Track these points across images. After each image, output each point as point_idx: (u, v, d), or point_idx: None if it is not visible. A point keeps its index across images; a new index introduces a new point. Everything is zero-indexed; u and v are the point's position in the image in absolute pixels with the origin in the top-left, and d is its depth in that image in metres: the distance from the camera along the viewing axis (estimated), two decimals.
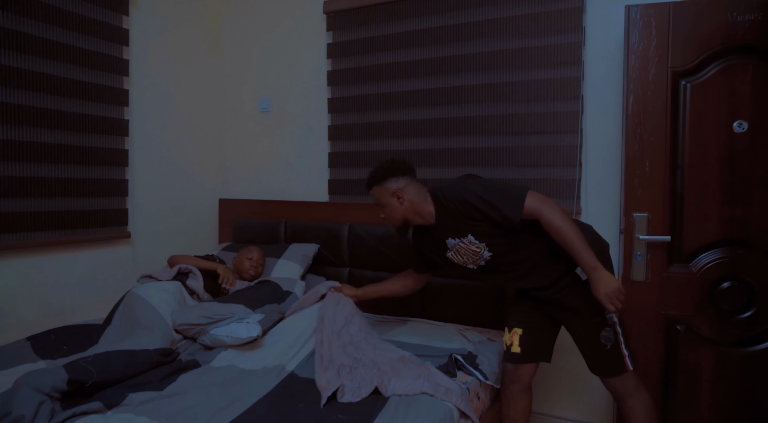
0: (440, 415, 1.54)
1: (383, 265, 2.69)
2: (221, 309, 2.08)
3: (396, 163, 1.98)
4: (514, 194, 1.71)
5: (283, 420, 1.48)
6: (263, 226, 3.05)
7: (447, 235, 1.85)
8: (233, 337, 1.99)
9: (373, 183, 1.97)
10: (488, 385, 1.96)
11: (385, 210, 1.95)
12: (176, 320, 2.04)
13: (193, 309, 2.10)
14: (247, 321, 2.06)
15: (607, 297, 1.61)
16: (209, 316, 2.03)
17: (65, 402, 1.55)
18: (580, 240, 1.64)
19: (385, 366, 1.79)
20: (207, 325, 2.03)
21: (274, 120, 3.20)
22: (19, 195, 2.22)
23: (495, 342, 2.26)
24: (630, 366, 1.76)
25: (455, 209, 1.77)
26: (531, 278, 1.84)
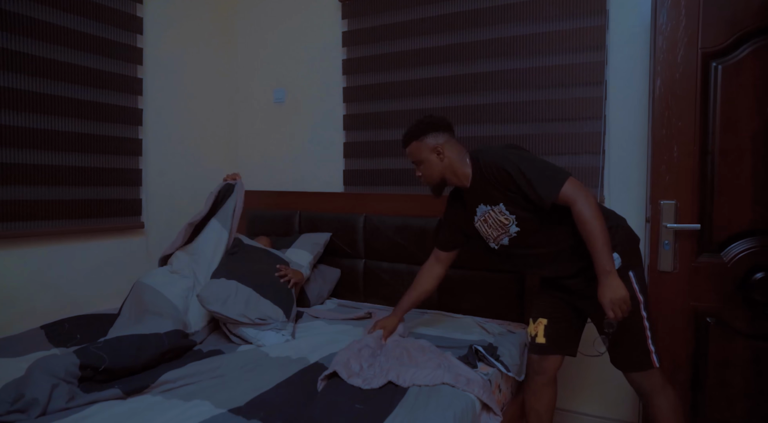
0: (462, 406, 1.48)
1: (399, 257, 2.64)
2: (261, 308, 2.04)
3: (436, 118, 1.87)
4: (553, 177, 1.64)
5: (299, 405, 1.43)
6: (277, 217, 3.01)
7: (479, 200, 1.80)
8: (262, 343, 1.97)
9: (412, 138, 1.86)
10: (510, 377, 1.90)
11: (422, 167, 1.87)
12: (208, 306, 1.99)
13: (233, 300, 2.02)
14: (283, 333, 2.04)
15: (611, 303, 1.55)
16: (251, 318, 1.99)
17: (85, 387, 1.54)
18: (604, 240, 1.57)
19: (403, 357, 1.73)
20: (243, 324, 2.00)
21: (288, 111, 3.16)
22: (33, 183, 2.20)
23: (516, 334, 2.19)
24: (656, 362, 1.68)
25: (492, 175, 1.71)
26: (553, 266, 1.78)
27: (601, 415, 2.40)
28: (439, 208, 2.58)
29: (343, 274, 2.80)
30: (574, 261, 1.74)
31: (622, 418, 2.36)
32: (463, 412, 1.47)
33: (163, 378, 1.61)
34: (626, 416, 2.35)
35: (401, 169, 2.76)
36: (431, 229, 2.55)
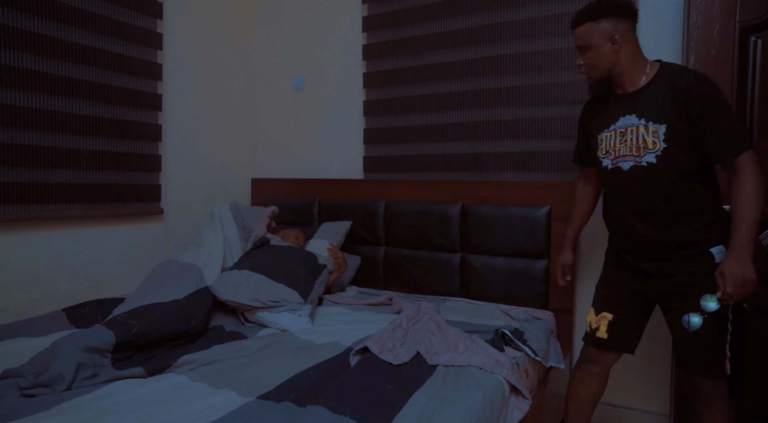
0: (491, 388, 1.44)
1: (421, 244, 2.59)
2: (274, 291, 2.02)
3: (623, 1, 1.56)
4: (744, 137, 1.46)
5: (330, 387, 1.39)
6: (296, 205, 2.98)
7: (634, 111, 1.56)
8: (281, 326, 1.95)
9: (588, 18, 1.56)
10: (537, 362, 1.85)
11: (588, 54, 1.59)
12: (222, 295, 1.98)
13: (244, 284, 2.02)
14: (299, 314, 2.02)
15: (733, 279, 1.38)
16: (263, 301, 1.98)
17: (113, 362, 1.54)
18: (757, 218, 1.42)
19: (434, 330, 1.70)
20: (257, 308, 1.98)
21: (308, 98, 3.13)
22: (54, 166, 2.20)
23: (541, 320, 2.14)
24: (728, 369, 1.55)
25: (681, 90, 1.47)
26: (668, 220, 1.56)
27: (630, 406, 2.33)
28: (461, 195, 2.54)
29: (363, 262, 2.76)
30: (692, 230, 1.53)
31: (651, 410, 2.29)
32: (492, 393, 1.42)
33: (186, 358, 1.59)
34: (656, 408, 2.28)
35: (422, 155, 2.72)
36: (454, 215, 2.50)
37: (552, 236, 2.33)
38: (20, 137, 2.08)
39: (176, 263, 2.09)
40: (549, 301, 2.34)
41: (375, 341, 1.63)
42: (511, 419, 1.50)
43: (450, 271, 2.52)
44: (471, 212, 2.47)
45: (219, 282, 2.03)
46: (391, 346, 1.64)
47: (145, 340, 1.64)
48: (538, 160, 2.43)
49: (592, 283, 2.35)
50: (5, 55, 2.02)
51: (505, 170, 2.51)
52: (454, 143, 2.64)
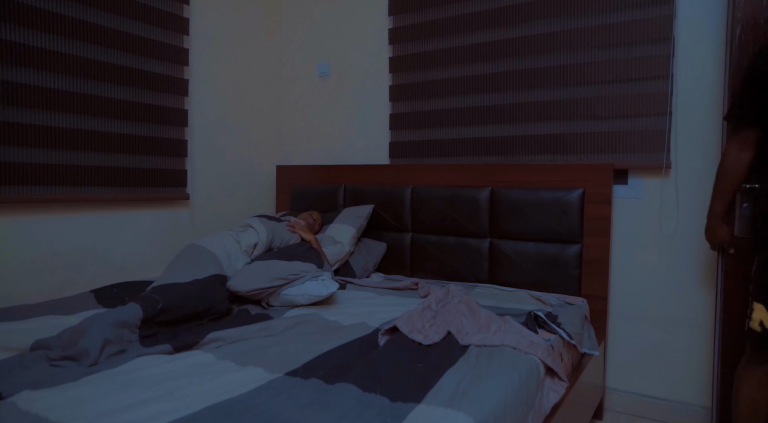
0: (526, 368, 1.38)
1: (449, 229, 2.54)
2: (291, 268, 2.01)
3: None
4: None
5: (359, 365, 1.35)
6: (321, 191, 2.96)
7: None
8: (310, 294, 1.94)
9: None
10: (572, 346, 1.78)
11: None
12: (241, 287, 1.96)
13: (258, 271, 2.01)
14: (322, 278, 2.01)
15: None
16: (283, 277, 1.96)
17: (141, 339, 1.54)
18: None
19: (464, 312, 1.64)
20: (279, 287, 1.96)
21: (333, 84, 3.10)
22: (83, 149, 2.21)
23: (574, 305, 2.07)
24: None
25: None
26: None
27: (670, 397, 2.23)
28: (490, 179, 2.47)
29: (389, 249, 2.72)
30: None
31: (693, 402, 2.19)
32: (528, 373, 1.36)
33: (213, 335, 1.57)
34: (698, 400, 2.18)
35: (449, 140, 2.66)
36: (483, 200, 2.44)
37: (585, 220, 2.25)
38: (51, 119, 2.10)
39: (198, 247, 2.09)
40: (582, 288, 2.26)
41: (404, 321, 1.59)
42: (546, 402, 1.43)
43: (479, 257, 2.46)
44: (500, 196, 2.40)
45: (234, 280, 2.01)
46: (420, 327, 1.59)
47: (169, 316, 1.65)
48: (569, 143, 2.35)
49: (627, 268, 2.27)
50: (38, 38, 2.03)
51: (535, 154, 2.44)
52: (482, 127, 2.58)
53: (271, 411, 1.08)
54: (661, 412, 2.23)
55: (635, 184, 2.27)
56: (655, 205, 2.23)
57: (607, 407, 2.35)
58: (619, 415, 2.29)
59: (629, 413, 2.30)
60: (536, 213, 2.31)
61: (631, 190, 2.28)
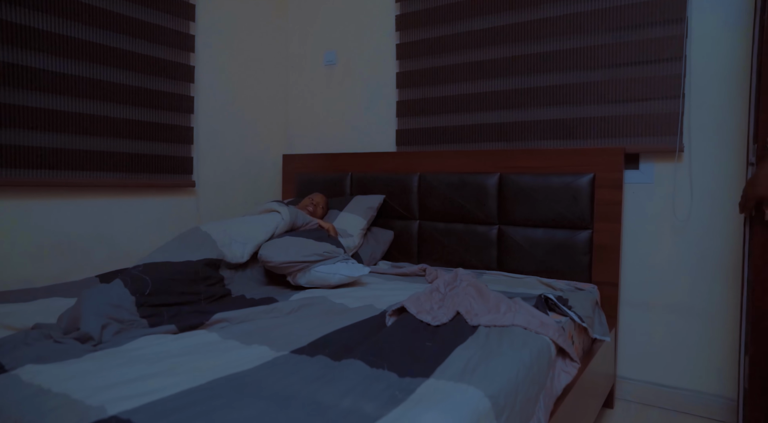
0: (537, 347, 1.35)
1: (456, 216, 2.51)
2: (324, 247, 2.01)
3: None
4: None
5: (366, 343, 1.33)
6: (328, 180, 2.94)
7: None
8: (342, 274, 1.94)
9: None
10: (583, 329, 1.75)
11: None
12: (274, 258, 1.94)
13: (292, 245, 2.00)
14: (352, 262, 2.03)
15: None
16: (319, 253, 1.96)
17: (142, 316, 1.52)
18: None
19: (473, 294, 1.61)
20: (315, 262, 1.95)
21: (340, 73, 3.08)
22: (89, 133, 2.20)
23: (585, 291, 2.03)
24: None
25: None
26: None
27: (694, 388, 2.19)
28: (499, 165, 2.44)
29: (396, 237, 2.69)
30: None
31: (717, 393, 2.15)
32: (539, 352, 1.33)
33: (219, 315, 1.55)
34: (723, 391, 2.14)
35: (457, 126, 2.63)
36: (491, 186, 2.41)
37: (595, 205, 2.21)
38: (56, 103, 2.09)
39: (199, 231, 2.06)
40: (592, 274, 2.23)
41: (412, 302, 1.56)
42: (558, 383, 1.40)
43: (487, 244, 2.43)
44: (509, 182, 2.37)
45: (266, 249, 2.00)
46: (428, 308, 1.57)
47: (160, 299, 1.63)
48: (579, 128, 2.31)
49: (638, 255, 2.23)
50: (44, 20, 2.02)
51: (544, 139, 2.41)
52: (491, 112, 2.54)
53: (276, 385, 1.06)
54: (674, 401, 2.19)
55: (647, 169, 2.23)
56: (668, 190, 2.19)
57: (618, 396, 2.31)
58: (630, 404, 2.26)
59: (640, 402, 2.26)
60: (545, 199, 2.28)
61: (642, 175, 2.24)
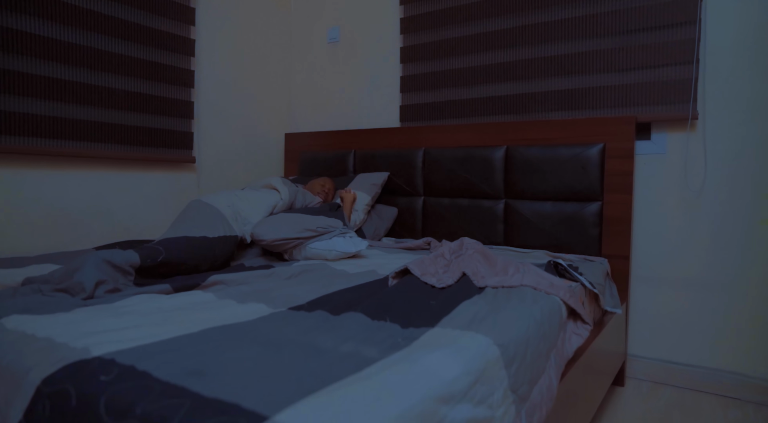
0: (548, 306, 1.29)
1: (462, 191, 2.44)
2: (319, 221, 1.94)
3: None
4: None
5: (367, 300, 1.27)
6: (330, 158, 2.88)
7: None
8: (338, 250, 1.87)
9: None
10: (594, 295, 1.68)
11: None
12: (267, 235, 1.89)
13: (286, 221, 1.94)
14: (350, 236, 1.97)
15: None
16: (313, 228, 1.89)
17: (137, 282, 1.46)
18: None
19: (480, 259, 1.55)
20: (308, 238, 1.89)
21: (343, 50, 3.02)
22: (87, 103, 2.15)
23: (595, 262, 1.97)
24: None
25: None
26: None
27: (694, 363, 2.12)
28: (505, 137, 2.38)
29: (400, 214, 2.64)
30: None
31: (721, 367, 2.08)
32: (550, 311, 1.27)
33: (214, 278, 1.50)
34: (727, 365, 2.07)
35: (462, 100, 2.57)
36: (498, 159, 2.34)
37: (606, 176, 2.14)
38: (54, 70, 2.04)
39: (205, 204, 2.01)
40: (602, 248, 2.16)
41: (416, 264, 1.50)
42: (569, 345, 1.34)
43: (493, 219, 2.36)
44: (516, 155, 2.30)
45: (259, 227, 1.94)
46: (433, 272, 1.51)
47: (168, 268, 1.57)
48: (589, 98, 2.25)
49: (650, 228, 2.16)
50: None
51: (553, 111, 2.34)
52: (497, 85, 2.48)
53: (271, 334, 1.00)
54: (687, 379, 2.12)
55: (659, 140, 2.16)
56: (681, 160, 2.12)
57: (629, 375, 2.24)
58: (642, 383, 2.19)
59: (652, 380, 2.19)
60: (554, 170, 2.21)
61: (654, 146, 2.17)
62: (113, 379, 0.77)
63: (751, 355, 2.01)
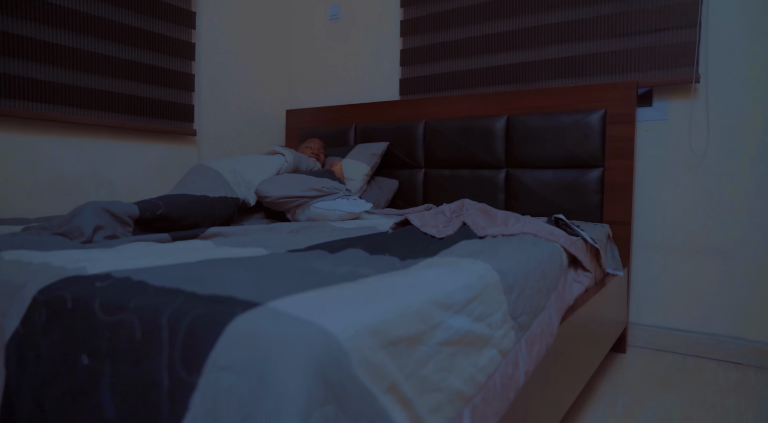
0: (549, 250, 1.28)
1: (463, 162, 2.44)
2: (323, 182, 1.94)
3: None
4: None
5: (366, 243, 1.26)
6: (331, 132, 2.87)
7: None
8: (342, 210, 1.87)
9: None
10: (595, 252, 1.67)
11: None
12: (271, 192, 1.89)
13: (291, 181, 1.95)
14: (353, 198, 1.97)
15: None
16: (318, 188, 1.89)
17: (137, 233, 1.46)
18: None
19: (480, 215, 1.54)
20: (312, 198, 1.89)
21: (344, 27, 3.02)
22: (87, 70, 2.15)
23: (597, 225, 1.96)
24: None
25: None
26: None
27: (696, 330, 2.11)
28: (506, 107, 2.37)
29: (401, 186, 2.63)
30: None
31: (723, 333, 2.07)
32: (551, 255, 1.27)
33: (213, 230, 1.49)
34: (729, 330, 2.06)
35: (462, 71, 2.56)
36: (499, 129, 2.33)
37: (607, 142, 2.13)
38: (53, 35, 2.04)
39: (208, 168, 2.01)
40: (604, 214, 2.15)
41: (416, 216, 1.50)
42: (570, 292, 1.33)
43: (494, 189, 2.36)
44: (517, 124, 2.29)
45: (264, 184, 1.94)
46: (433, 224, 1.50)
47: (166, 222, 1.57)
48: (590, 64, 2.24)
49: (652, 195, 2.15)
50: None
51: (554, 78, 2.33)
52: (497, 55, 2.47)
53: (269, 262, 1.00)
54: (689, 345, 2.11)
55: (661, 106, 2.15)
56: (683, 126, 2.11)
57: (631, 343, 2.23)
58: (643, 350, 2.18)
59: (653, 348, 2.18)
60: (555, 138, 2.20)
61: (656, 112, 2.16)
62: (109, 285, 0.76)
63: (753, 320, 2.00)
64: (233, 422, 0.54)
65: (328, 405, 0.53)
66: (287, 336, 0.56)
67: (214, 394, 0.55)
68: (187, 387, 0.58)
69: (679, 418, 1.55)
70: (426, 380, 0.69)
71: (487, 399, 0.82)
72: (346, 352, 0.57)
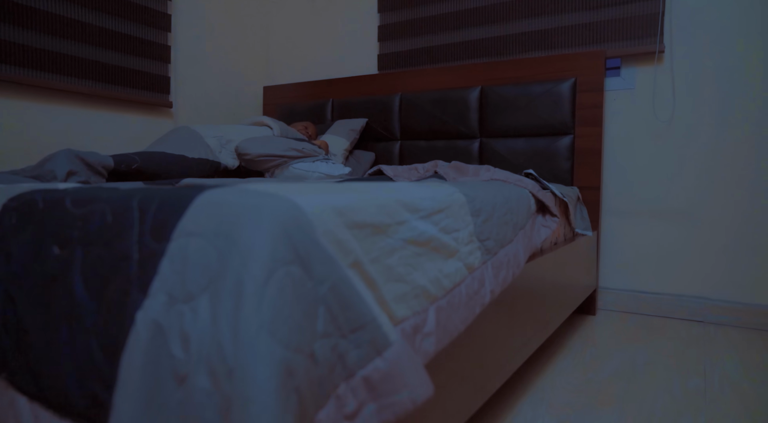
0: (517, 193, 1.32)
1: (438, 133, 2.48)
2: (305, 145, 1.95)
3: None
4: None
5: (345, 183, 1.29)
6: (308, 108, 2.89)
7: None
8: (321, 172, 1.87)
9: None
10: (564, 204, 1.72)
11: None
12: (252, 150, 1.89)
13: (272, 140, 1.95)
14: (333, 162, 1.99)
15: None
16: (299, 149, 1.90)
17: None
18: None
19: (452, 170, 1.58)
20: (292, 158, 1.90)
21: (322, 2, 3.03)
22: (59, 35, 2.13)
23: (567, 187, 2.01)
24: None
25: None
26: None
27: (662, 291, 2.18)
28: (480, 78, 2.42)
29: (378, 159, 2.66)
30: None
31: (688, 293, 2.15)
32: (519, 197, 1.31)
33: (187, 181, 1.50)
34: (694, 290, 2.13)
35: (439, 46, 2.60)
36: (473, 100, 2.38)
37: (577, 109, 2.20)
38: None
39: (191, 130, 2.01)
40: (574, 179, 2.21)
41: (390, 168, 1.53)
42: (537, 236, 1.38)
43: (468, 159, 2.40)
44: (490, 94, 2.34)
45: (245, 142, 1.94)
46: (407, 177, 1.54)
47: (142, 178, 1.58)
48: (561, 36, 2.30)
49: (620, 161, 2.22)
50: None
51: (526, 51, 2.39)
52: (472, 29, 2.52)
53: None
54: (656, 307, 2.18)
55: (628, 75, 2.22)
56: (649, 94, 2.18)
57: (600, 306, 2.30)
58: (612, 312, 2.24)
59: (622, 310, 2.25)
60: (527, 107, 2.25)
61: (623, 82, 2.23)
62: (80, 188, 0.78)
63: (713, 279, 2.08)
64: (201, 281, 0.56)
65: (292, 265, 0.56)
66: (255, 204, 0.59)
67: (183, 257, 0.57)
68: (156, 254, 0.60)
69: (642, 363, 1.61)
70: (391, 269, 0.72)
71: (452, 304, 0.85)
72: (310, 220, 0.60)
